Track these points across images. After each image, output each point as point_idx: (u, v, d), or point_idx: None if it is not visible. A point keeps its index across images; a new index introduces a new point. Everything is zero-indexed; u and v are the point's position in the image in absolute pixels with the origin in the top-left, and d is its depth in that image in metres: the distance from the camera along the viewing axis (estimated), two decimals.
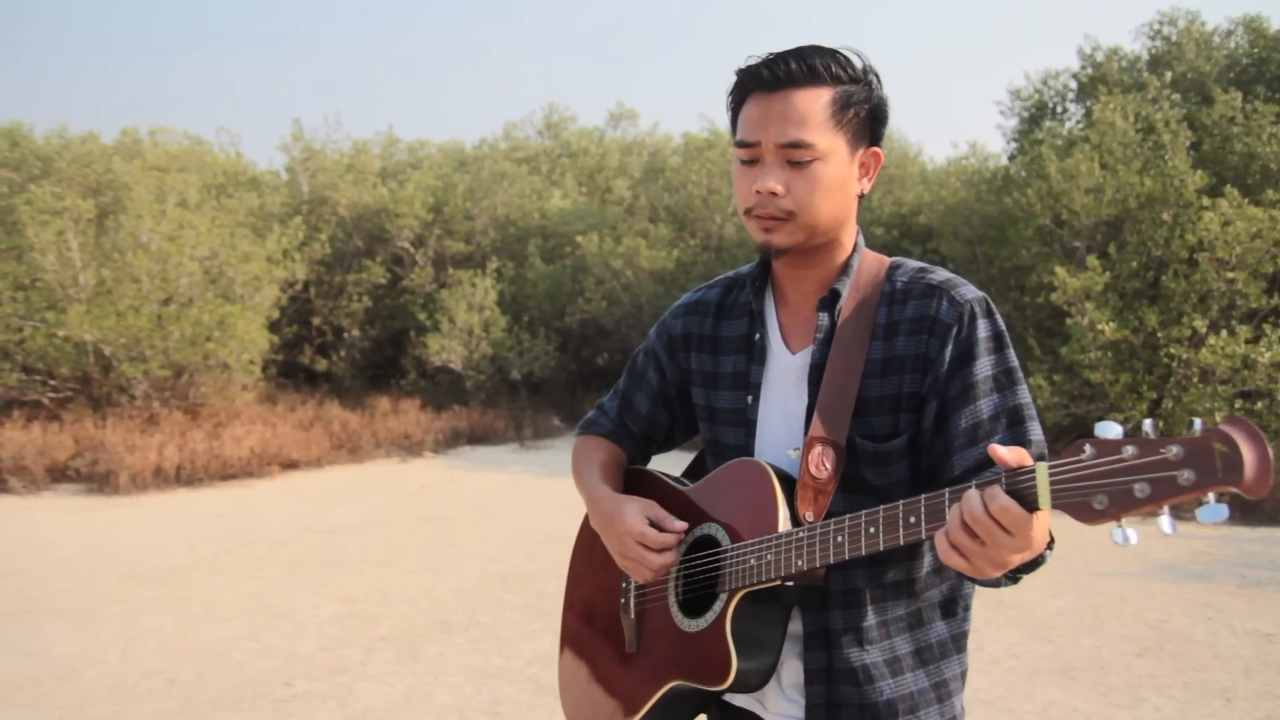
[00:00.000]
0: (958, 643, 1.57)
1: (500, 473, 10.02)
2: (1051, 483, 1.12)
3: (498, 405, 12.65)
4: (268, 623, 5.36)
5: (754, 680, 1.49)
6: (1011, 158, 12.22)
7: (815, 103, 1.45)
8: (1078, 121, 11.81)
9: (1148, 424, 1.07)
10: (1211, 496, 1.03)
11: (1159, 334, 8.41)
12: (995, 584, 1.37)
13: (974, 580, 1.40)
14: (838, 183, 1.48)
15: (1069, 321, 8.67)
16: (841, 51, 1.49)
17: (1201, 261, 8.39)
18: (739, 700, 1.63)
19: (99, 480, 8.93)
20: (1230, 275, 8.30)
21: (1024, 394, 1.45)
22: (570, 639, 1.89)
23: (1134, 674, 4.60)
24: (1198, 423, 1.04)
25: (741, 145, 1.49)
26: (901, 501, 1.29)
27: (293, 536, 7.34)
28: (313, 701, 4.30)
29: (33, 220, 10.26)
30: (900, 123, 23.78)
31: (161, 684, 4.49)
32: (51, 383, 10.54)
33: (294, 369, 13.82)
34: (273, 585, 6.08)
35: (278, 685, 4.48)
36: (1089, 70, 11.82)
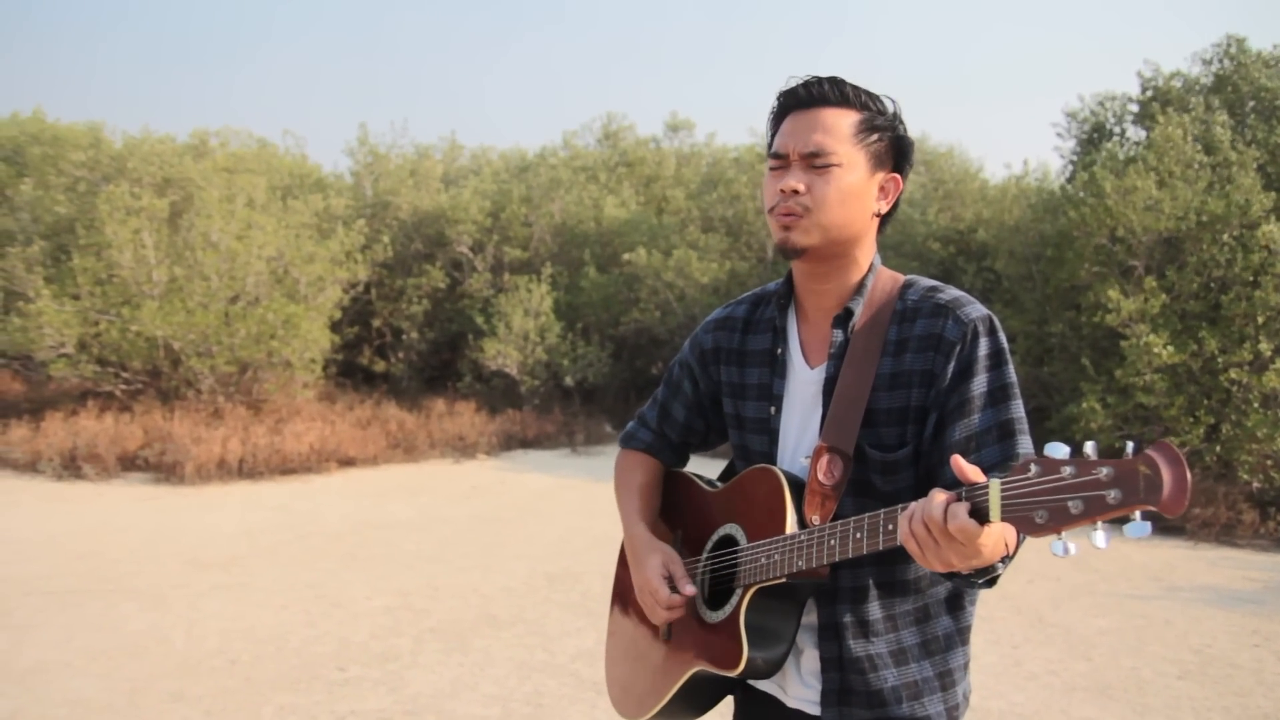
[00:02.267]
0: (962, 635, 1.69)
1: (551, 476, 10.20)
2: (1002, 498, 1.23)
3: (551, 410, 12.84)
4: (323, 611, 5.57)
5: (765, 668, 1.62)
6: (1069, 178, 12.12)
7: (841, 120, 1.60)
8: (1137, 143, 11.69)
9: (1089, 446, 1.16)
10: (1137, 514, 1.13)
11: (1219, 358, 8.31)
12: (967, 584, 1.49)
13: (952, 579, 1.50)
14: (854, 191, 1.60)
15: (1124, 344, 8.61)
16: (874, 91, 1.64)
17: (1264, 283, 8.28)
18: (763, 685, 1.76)
19: (166, 470, 9.28)
20: None
21: (1016, 409, 1.55)
22: (616, 624, 2.04)
23: (1172, 695, 4.60)
24: (1130, 446, 1.13)
25: (774, 157, 1.64)
26: (883, 510, 1.42)
27: (348, 530, 7.57)
28: (364, 686, 4.48)
29: (111, 218, 10.68)
30: (961, 139, 23.64)
31: (223, 663, 4.71)
32: (124, 375, 10.95)
33: (353, 369, 14.16)
34: (328, 576, 6.30)
35: (331, 669, 4.68)
36: (1149, 93, 11.70)
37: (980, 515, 1.26)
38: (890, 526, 1.40)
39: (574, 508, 8.65)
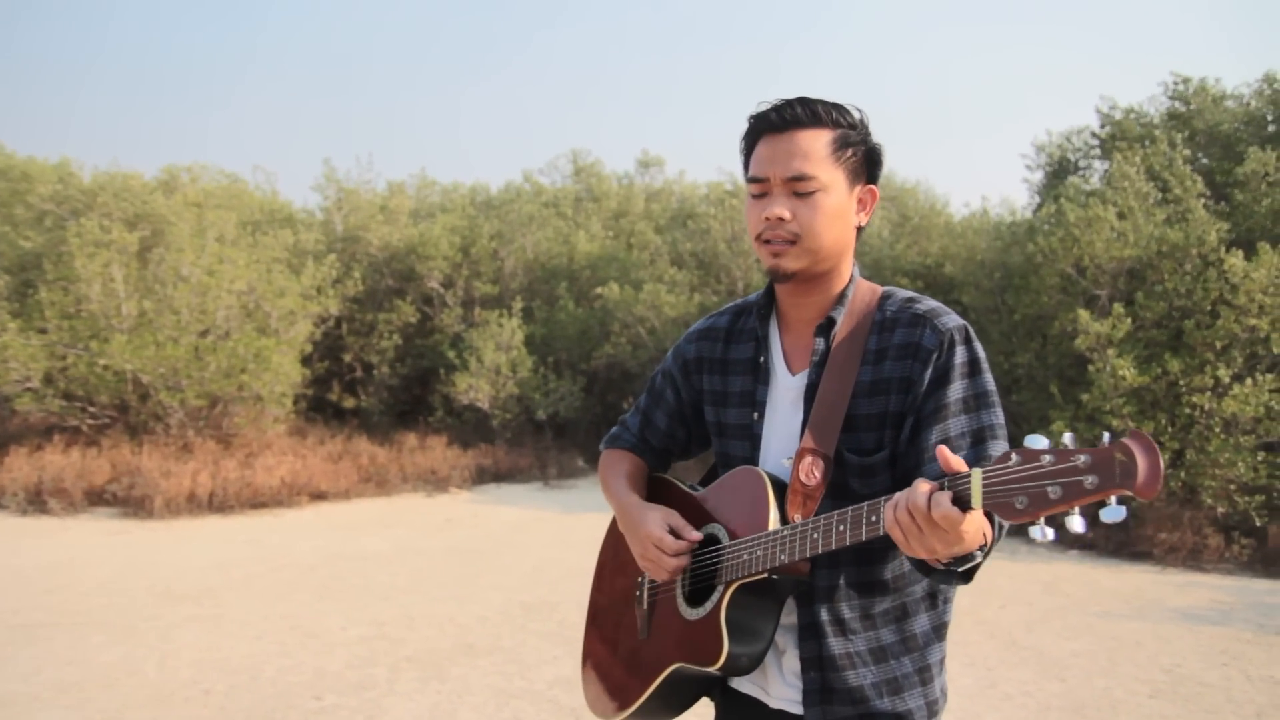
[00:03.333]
0: (939, 632, 1.73)
1: (525, 509, 10.17)
2: (984, 486, 1.29)
3: (523, 444, 12.81)
4: (298, 641, 5.51)
5: (744, 663, 1.65)
6: (1036, 210, 12.39)
7: (817, 141, 1.65)
8: (1100, 177, 11.98)
9: (1068, 437, 1.23)
10: (1113, 499, 1.18)
11: (1181, 383, 8.47)
12: (947, 579, 1.53)
13: (929, 574, 1.54)
14: (838, 211, 1.66)
15: (1090, 368, 8.76)
16: (840, 103, 1.70)
17: (1224, 312, 8.48)
18: (745, 688, 1.79)
19: (134, 504, 9.16)
20: (1252, 323, 8.38)
21: (990, 416, 1.61)
22: (592, 625, 2.07)
23: (1145, 713, 4.66)
24: (1107, 435, 1.20)
25: (753, 181, 1.69)
26: (866, 503, 1.47)
27: (321, 563, 7.51)
28: (341, 715, 4.44)
29: (81, 251, 10.61)
30: (927, 175, 24.04)
31: (197, 693, 4.66)
32: (91, 410, 10.81)
33: (323, 404, 14.06)
34: (302, 607, 6.24)
35: (307, 699, 4.63)
36: (1108, 128, 12.03)
37: (962, 503, 1.31)
38: (874, 518, 1.44)
39: (548, 540, 8.63)
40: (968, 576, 1.52)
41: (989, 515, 1.54)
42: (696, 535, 1.74)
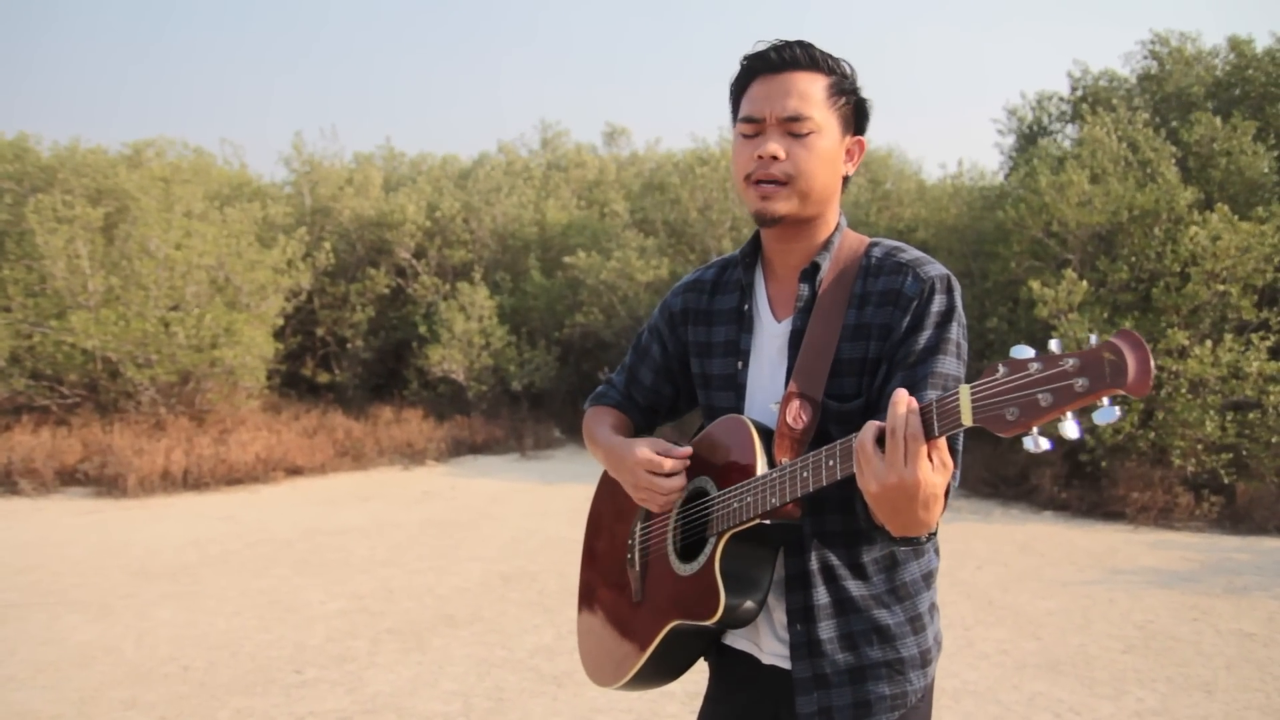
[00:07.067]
0: (928, 580, 1.73)
1: (502, 481, 10.16)
2: (973, 401, 1.25)
3: (499, 416, 12.77)
4: (277, 616, 5.49)
5: (743, 615, 1.63)
6: (1007, 175, 12.42)
7: (814, 84, 1.63)
8: (1074, 140, 12.03)
9: (1054, 343, 1.19)
10: (1105, 400, 1.15)
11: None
12: (909, 543, 1.51)
13: (896, 542, 1.53)
14: (830, 156, 1.65)
15: (1054, 334, 8.83)
16: (833, 54, 1.68)
17: (1193, 275, 8.57)
18: (739, 644, 1.77)
19: (107, 483, 9.06)
20: (1220, 288, 8.47)
21: (947, 364, 1.58)
22: (585, 595, 2.04)
23: (1118, 668, 4.74)
24: (1094, 338, 1.17)
25: (746, 121, 1.66)
26: (853, 435, 1.42)
27: (299, 538, 7.47)
28: (322, 687, 4.44)
29: (42, 227, 10.41)
30: (899, 140, 24.05)
31: (176, 670, 4.63)
32: (60, 389, 10.67)
33: (297, 380, 13.94)
34: (280, 582, 6.22)
35: (288, 672, 4.62)
36: (1079, 92, 12.06)
37: (953, 420, 1.28)
38: None
39: (526, 510, 8.63)
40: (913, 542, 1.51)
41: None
42: (686, 450, 1.71)
